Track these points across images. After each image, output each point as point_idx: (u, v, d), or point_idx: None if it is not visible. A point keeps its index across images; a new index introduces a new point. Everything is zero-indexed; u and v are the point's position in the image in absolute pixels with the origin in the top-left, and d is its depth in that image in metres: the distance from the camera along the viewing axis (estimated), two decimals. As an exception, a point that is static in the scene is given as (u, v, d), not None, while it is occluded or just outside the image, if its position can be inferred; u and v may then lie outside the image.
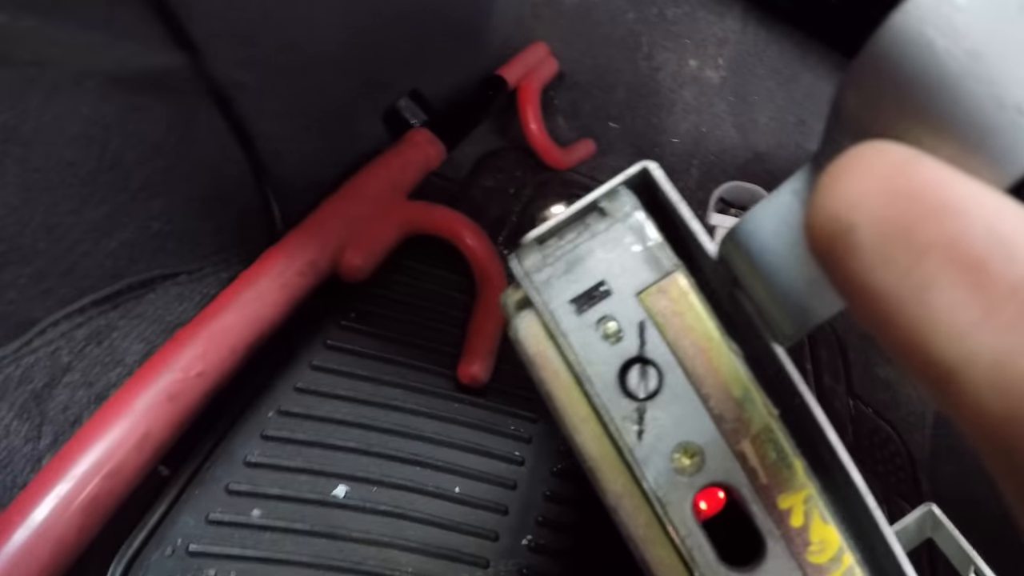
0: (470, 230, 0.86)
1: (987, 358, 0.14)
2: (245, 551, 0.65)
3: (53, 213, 0.62)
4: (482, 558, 0.70)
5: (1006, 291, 0.14)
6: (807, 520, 0.32)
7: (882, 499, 0.94)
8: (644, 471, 0.32)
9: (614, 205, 0.34)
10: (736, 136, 1.26)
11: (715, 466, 0.32)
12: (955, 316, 0.15)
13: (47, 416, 0.61)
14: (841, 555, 0.31)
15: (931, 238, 0.15)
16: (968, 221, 0.15)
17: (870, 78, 0.19)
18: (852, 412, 1.03)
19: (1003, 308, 0.14)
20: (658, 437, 0.32)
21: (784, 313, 0.26)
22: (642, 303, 0.33)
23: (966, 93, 0.17)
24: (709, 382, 0.32)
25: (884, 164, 0.17)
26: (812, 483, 0.32)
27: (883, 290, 0.16)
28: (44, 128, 0.60)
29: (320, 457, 0.71)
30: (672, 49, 1.25)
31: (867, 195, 0.17)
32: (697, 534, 0.32)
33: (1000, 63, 0.17)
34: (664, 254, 0.33)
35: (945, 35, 0.17)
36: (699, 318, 0.33)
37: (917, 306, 0.15)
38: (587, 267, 0.34)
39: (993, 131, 0.17)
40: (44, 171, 0.60)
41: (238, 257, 0.78)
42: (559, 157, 1.13)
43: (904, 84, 0.18)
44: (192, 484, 0.67)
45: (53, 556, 0.54)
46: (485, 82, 1.08)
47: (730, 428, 0.32)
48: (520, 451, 0.77)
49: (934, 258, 0.15)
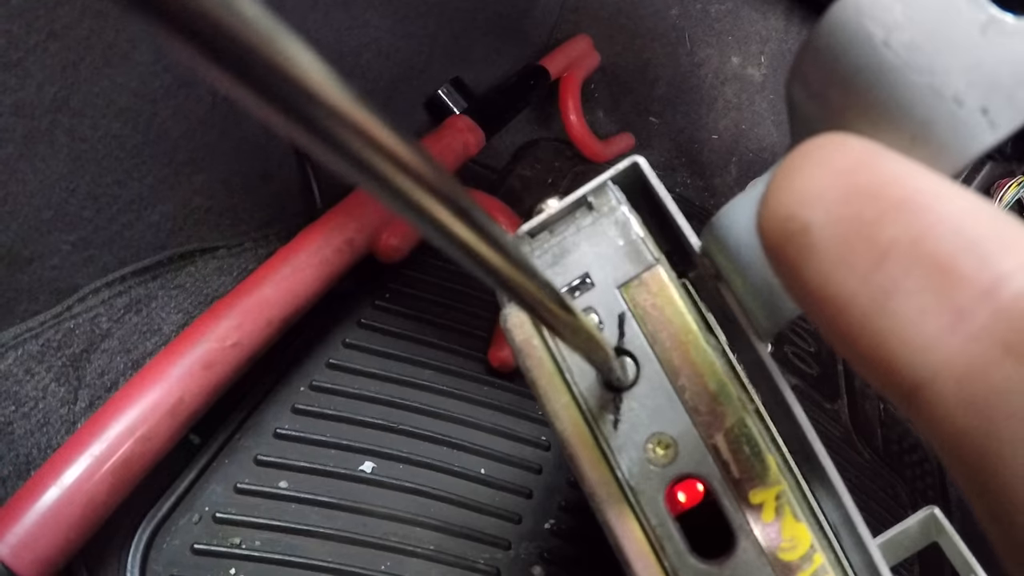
0: (505, 215, 0.87)
1: (956, 370, 0.13)
2: (270, 520, 0.66)
3: (99, 183, 0.63)
4: (504, 539, 0.71)
5: (976, 296, 0.13)
6: (779, 516, 0.31)
7: (908, 503, 0.94)
8: (619, 460, 0.32)
9: (600, 200, 0.35)
10: (776, 134, 1.25)
11: (688, 458, 0.32)
12: (921, 324, 0.14)
13: (84, 380, 0.63)
14: (812, 554, 0.31)
15: (893, 237, 0.14)
16: (934, 219, 0.14)
17: (813, 70, 0.19)
18: (882, 416, 1.02)
19: (973, 315, 0.13)
20: (633, 427, 0.32)
21: (761, 308, 0.27)
22: (623, 295, 0.34)
23: (905, 84, 0.17)
24: (685, 374, 0.33)
25: (840, 158, 0.16)
26: (786, 479, 0.32)
27: (841, 295, 0.15)
28: (93, 100, 0.61)
29: (348, 432, 0.72)
30: (714, 46, 1.25)
31: (822, 191, 0.15)
32: (668, 524, 0.32)
33: (937, 54, 0.16)
34: (646, 248, 0.34)
35: (884, 27, 0.17)
36: (678, 311, 0.33)
37: (879, 313, 0.14)
38: (573, 260, 0.34)
39: (932, 123, 0.17)
40: (91, 142, 0.62)
41: (277, 234, 0.79)
42: (598, 150, 1.14)
43: (845, 76, 0.18)
44: (222, 453, 0.68)
45: (83, 515, 0.56)
46: (527, 72, 1.08)
47: (704, 421, 0.32)
48: (546, 436, 0.78)
49: (897, 259, 0.14)
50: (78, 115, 0.60)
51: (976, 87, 0.16)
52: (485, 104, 0.99)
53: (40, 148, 0.58)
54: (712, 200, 1.21)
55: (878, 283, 0.14)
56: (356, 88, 0.12)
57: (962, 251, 0.14)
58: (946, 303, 0.13)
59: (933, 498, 0.96)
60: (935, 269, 0.14)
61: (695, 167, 1.23)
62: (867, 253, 0.14)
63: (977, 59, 0.16)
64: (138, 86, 0.64)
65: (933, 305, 0.14)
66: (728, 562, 0.31)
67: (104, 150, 0.63)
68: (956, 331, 0.13)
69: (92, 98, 0.61)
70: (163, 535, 0.64)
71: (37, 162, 0.58)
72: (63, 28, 0.57)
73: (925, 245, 0.14)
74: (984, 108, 0.16)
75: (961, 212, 0.14)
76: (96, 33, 0.60)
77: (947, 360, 0.13)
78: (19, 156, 0.57)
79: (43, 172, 0.59)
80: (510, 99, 1.03)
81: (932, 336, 0.14)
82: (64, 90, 0.59)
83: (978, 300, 0.13)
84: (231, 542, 0.65)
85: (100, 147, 0.63)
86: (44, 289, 0.62)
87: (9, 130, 0.56)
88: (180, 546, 0.64)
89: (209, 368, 0.62)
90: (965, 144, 0.17)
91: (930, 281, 0.14)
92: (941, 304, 0.14)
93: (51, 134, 0.59)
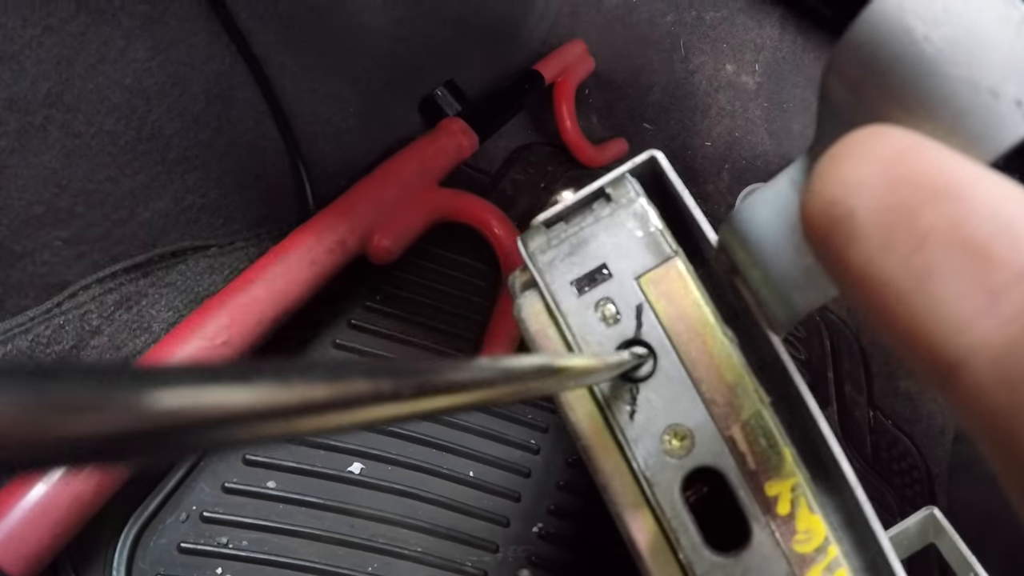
0: (498, 219, 0.87)
1: (991, 350, 0.14)
2: (258, 520, 0.66)
3: (91, 179, 0.63)
4: (492, 543, 0.71)
5: (1011, 278, 0.14)
6: (794, 508, 0.32)
7: (897, 511, 0.94)
8: (634, 451, 0.32)
9: (619, 192, 0.35)
10: (769, 142, 1.26)
11: (704, 449, 0.32)
12: (958, 305, 0.14)
13: (73, 378, 0.62)
14: (827, 546, 0.31)
15: (933, 223, 0.15)
16: (971, 206, 0.15)
17: (852, 64, 0.19)
18: (872, 423, 1.02)
19: (1008, 296, 0.14)
20: (649, 418, 0.33)
21: (778, 301, 0.27)
22: (641, 287, 0.34)
23: (943, 77, 0.17)
24: (702, 366, 0.33)
25: (884, 148, 0.16)
26: (801, 472, 0.32)
27: (882, 278, 0.15)
28: (87, 96, 0.61)
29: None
30: (709, 53, 1.25)
31: (866, 180, 0.16)
32: (683, 516, 0.32)
33: (975, 49, 0.17)
34: (664, 240, 0.34)
35: (924, 22, 0.17)
36: (695, 304, 0.33)
37: (918, 294, 0.15)
38: (590, 250, 0.34)
39: (968, 114, 0.17)
40: (85, 137, 0.62)
41: (269, 233, 0.79)
42: (591, 155, 1.14)
43: (885, 69, 0.18)
44: (210, 452, 0.68)
45: (70, 512, 0.55)
46: (521, 76, 1.08)
47: (721, 413, 0.32)
48: (536, 440, 0.78)
49: (936, 244, 0.15)
50: (72, 111, 0.60)
51: (1011, 81, 0.17)
52: (479, 107, 0.99)
53: (33, 143, 0.58)
54: (704, 206, 1.21)
55: (917, 266, 0.15)
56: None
57: (997, 236, 0.14)
58: (982, 285, 0.14)
59: (922, 505, 0.96)
60: (972, 253, 0.14)
61: (688, 173, 1.23)
62: (908, 238, 0.15)
63: (1012, 55, 0.17)
64: (132, 83, 0.64)
65: (969, 287, 0.14)
66: (743, 554, 0.31)
67: (97, 146, 0.63)
68: (991, 312, 0.14)
69: (86, 94, 0.61)
70: (150, 534, 0.64)
71: (30, 157, 0.58)
72: (59, 23, 0.57)
73: (963, 230, 0.14)
74: (1019, 100, 0.17)
75: (998, 199, 0.15)
76: (91, 28, 0.60)
77: (982, 340, 0.14)
78: (11, 151, 0.57)
79: (35, 167, 0.59)
80: (504, 103, 1.03)
81: (968, 317, 0.14)
82: (58, 85, 0.59)
83: (1013, 283, 0.14)
84: (218, 541, 0.65)
85: (93, 143, 0.62)
86: (34, 285, 0.62)
87: (2, 124, 0.56)
88: (167, 545, 0.64)
89: (198, 367, 0.62)
90: (1000, 134, 0.17)
91: (967, 264, 0.14)
92: (977, 286, 0.14)
93: (44, 129, 0.59)
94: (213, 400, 0.10)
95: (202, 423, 0.10)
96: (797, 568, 0.31)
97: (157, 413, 0.09)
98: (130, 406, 0.09)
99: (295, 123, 0.80)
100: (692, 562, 0.31)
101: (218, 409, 0.10)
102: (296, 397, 0.12)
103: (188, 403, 0.10)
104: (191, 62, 0.68)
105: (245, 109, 0.75)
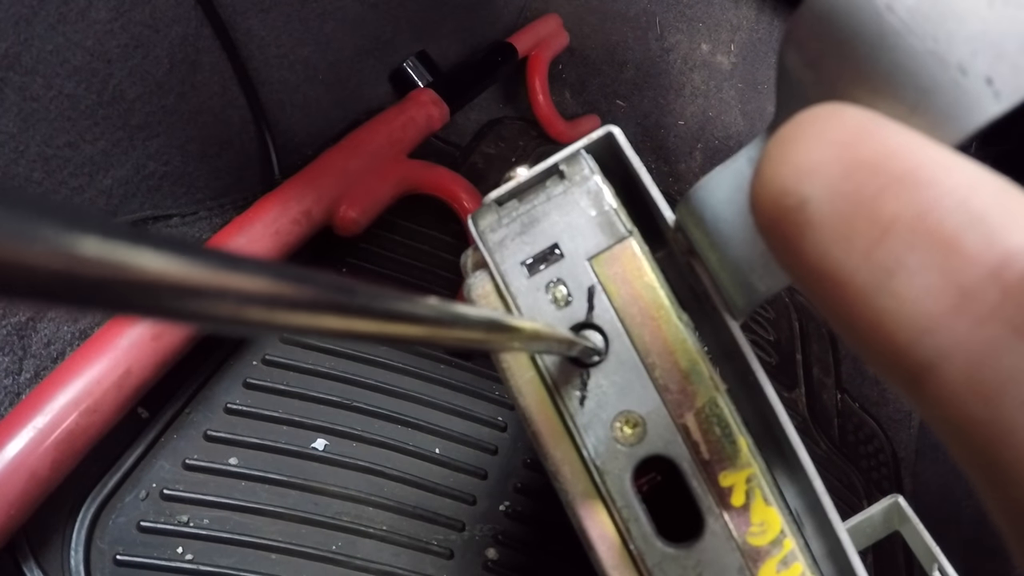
0: (467, 192, 0.86)
1: (964, 354, 0.12)
2: (220, 498, 0.65)
3: (50, 144, 0.61)
4: (458, 521, 0.70)
5: (983, 275, 0.12)
6: (748, 500, 0.31)
7: (864, 494, 0.94)
8: (585, 438, 0.31)
9: (573, 169, 0.34)
10: (743, 123, 1.25)
11: (657, 438, 0.31)
12: (925, 304, 0.13)
13: (29, 350, 0.61)
14: (782, 539, 0.30)
15: (895, 212, 0.13)
16: (938, 193, 0.13)
17: (810, 36, 0.18)
18: (839, 406, 1.02)
19: (980, 295, 0.12)
20: (600, 404, 0.31)
21: (737, 284, 0.26)
22: (594, 268, 0.32)
23: (907, 51, 0.16)
24: (655, 351, 0.31)
25: (840, 129, 0.15)
26: (757, 462, 0.31)
27: (840, 274, 0.14)
28: (46, 58, 0.59)
29: (301, 409, 0.70)
30: (685, 32, 1.24)
31: (821, 164, 0.14)
32: (634, 505, 0.31)
33: (942, 21, 0.16)
34: (619, 220, 0.33)
35: None
36: (650, 286, 0.32)
37: (880, 293, 0.13)
38: (542, 229, 0.33)
39: (933, 92, 0.16)
40: (43, 101, 0.60)
41: (233, 203, 0.77)
42: (563, 130, 1.13)
43: (844, 42, 0.17)
44: (171, 428, 0.66)
45: (26, 490, 0.54)
46: (494, 48, 1.07)
47: (674, 400, 0.31)
48: (503, 416, 0.77)
49: (899, 236, 0.13)
50: (30, 73, 0.58)
51: (981, 56, 0.15)
52: (451, 79, 0.97)
53: (-13, 106, 0.56)
54: (676, 186, 1.21)
55: (879, 261, 0.13)
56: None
57: (967, 226, 0.13)
58: (952, 282, 0.13)
59: (888, 488, 0.97)
60: (939, 246, 0.13)
61: (660, 152, 1.22)
62: (868, 229, 0.14)
63: (983, 27, 0.15)
64: (94, 45, 0.62)
65: (938, 284, 0.13)
66: (696, 546, 0.30)
67: (56, 110, 0.61)
68: (963, 312, 0.12)
69: (45, 56, 0.59)
70: (109, 512, 0.62)
71: (-17, 120, 0.56)
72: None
73: (928, 220, 0.13)
74: (989, 78, 0.15)
75: (966, 185, 0.13)
76: (49, -13, 0.57)
77: (954, 343, 0.13)
78: (-36, 113, 0.55)
79: (-11, 131, 0.57)
80: (476, 75, 1.02)
81: (937, 317, 0.13)
82: (16, 46, 0.57)
83: (985, 279, 0.12)
84: (179, 519, 0.63)
85: (52, 107, 0.60)
86: (-12, 253, 0.60)
87: (-46, 85, 0.54)
88: (126, 523, 0.62)
89: (158, 339, 0.60)
90: (968, 114, 0.16)
91: (934, 259, 0.13)
92: (946, 283, 0.13)
93: (1, 92, 0.57)
94: (142, 261, 0.09)
95: (123, 280, 0.09)
96: (750, 561, 0.30)
97: (78, 257, 0.08)
98: (51, 244, 0.08)
99: (262, 90, 0.78)
100: (643, 553, 0.30)
101: (144, 272, 0.09)
102: (238, 284, 0.11)
103: (111, 257, 0.09)
104: (155, 24, 0.66)
105: (210, 74, 0.73)
